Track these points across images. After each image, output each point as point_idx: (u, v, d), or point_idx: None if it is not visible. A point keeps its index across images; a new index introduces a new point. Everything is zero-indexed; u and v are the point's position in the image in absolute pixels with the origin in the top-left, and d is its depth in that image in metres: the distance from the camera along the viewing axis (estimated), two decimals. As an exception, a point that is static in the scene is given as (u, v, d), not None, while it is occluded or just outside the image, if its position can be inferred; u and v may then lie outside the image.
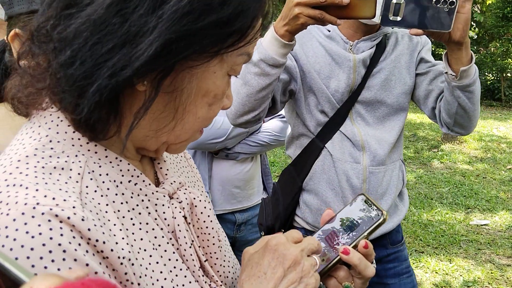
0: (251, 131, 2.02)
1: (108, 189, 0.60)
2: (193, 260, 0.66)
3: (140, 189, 0.64)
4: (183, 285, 0.64)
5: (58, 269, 0.48)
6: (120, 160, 0.63)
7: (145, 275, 0.59)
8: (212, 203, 2.01)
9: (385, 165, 1.65)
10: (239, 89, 1.47)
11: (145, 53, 0.52)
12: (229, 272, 0.76)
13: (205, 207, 0.71)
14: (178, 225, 0.66)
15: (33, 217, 0.49)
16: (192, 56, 0.56)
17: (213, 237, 0.71)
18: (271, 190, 2.22)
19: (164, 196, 0.67)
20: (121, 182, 0.62)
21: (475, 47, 11.30)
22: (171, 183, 0.69)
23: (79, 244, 0.50)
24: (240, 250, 2.16)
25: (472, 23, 11.23)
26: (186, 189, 0.71)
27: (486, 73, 11.41)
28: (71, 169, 0.57)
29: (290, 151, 1.79)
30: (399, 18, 1.27)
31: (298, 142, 1.74)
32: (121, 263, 0.54)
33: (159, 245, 0.63)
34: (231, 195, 2.07)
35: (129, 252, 0.56)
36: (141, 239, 0.61)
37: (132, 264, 0.56)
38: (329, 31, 1.62)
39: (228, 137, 1.94)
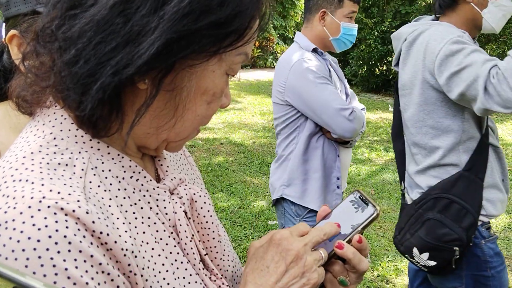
0: None
1: (110, 184, 0.62)
2: (193, 253, 0.68)
3: (142, 185, 0.66)
4: (184, 278, 0.66)
5: (64, 260, 0.50)
6: (122, 157, 0.65)
7: (148, 267, 0.61)
8: (342, 188, 2.24)
9: None
10: None
11: (147, 52, 0.54)
12: (229, 266, 0.78)
13: (204, 203, 0.73)
14: (179, 219, 0.68)
15: (39, 210, 0.51)
16: (192, 55, 0.58)
17: (213, 231, 0.73)
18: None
19: (165, 191, 0.68)
20: (123, 178, 0.64)
21: (471, 49, 11.32)
22: (172, 179, 0.71)
23: (84, 236, 0.52)
24: None
25: (468, 25, 11.26)
26: (186, 185, 0.72)
27: (482, 75, 11.45)
28: (74, 165, 0.59)
29: (453, 159, 1.85)
30: None
31: (463, 147, 1.84)
32: (124, 255, 0.56)
33: (161, 239, 0.65)
34: (343, 179, 2.32)
35: (132, 244, 0.58)
36: (144, 232, 0.63)
37: (135, 256, 0.58)
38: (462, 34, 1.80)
39: (364, 127, 2.19)
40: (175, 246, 0.66)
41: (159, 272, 0.62)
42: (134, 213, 0.63)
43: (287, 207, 2.26)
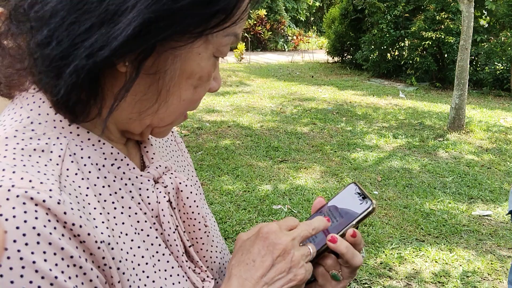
0: None
1: (89, 172, 0.59)
2: (176, 245, 0.66)
3: (124, 173, 0.63)
4: (165, 270, 0.63)
5: (32, 253, 0.47)
6: (103, 143, 0.62)
7: (126, 260, 0.58)
8: None
9: None
10: None
11: (123, 32, 0.50)
12: (216, 257, 0.76)
13: (191, 192, 0.70)
14: (162, 209, 0.65)
15: (7, 199, 0.48)
16: (174, 36, 0.54)
17: (199, 222, 0.71)
18: None
19: (149, 180, 0.66)
20: (103, 165, 0.61)
21: (485, 36, 11.12)
22: (157, 167, 0.68)
23: (55, 228, 0.50)
24: None
25: (484, 11, 11.04)
26: (172, 173, 0.69)
27: (496, 63, 11.25)
28: (51, 152, 0.56)
29: None
30: None
31: None
32: (99, 247, 0.53)
33: (142, 230, 0.63)
34: None
35: (109, 236, 0.56)
36: (123, 223, 0.60)
37: (112, 249, 0.56)
38: None
39: None
40: (156, 237, 0.64)
41: (138, 264, 0.60)
42: (113, 202, 0.60)
43: None
